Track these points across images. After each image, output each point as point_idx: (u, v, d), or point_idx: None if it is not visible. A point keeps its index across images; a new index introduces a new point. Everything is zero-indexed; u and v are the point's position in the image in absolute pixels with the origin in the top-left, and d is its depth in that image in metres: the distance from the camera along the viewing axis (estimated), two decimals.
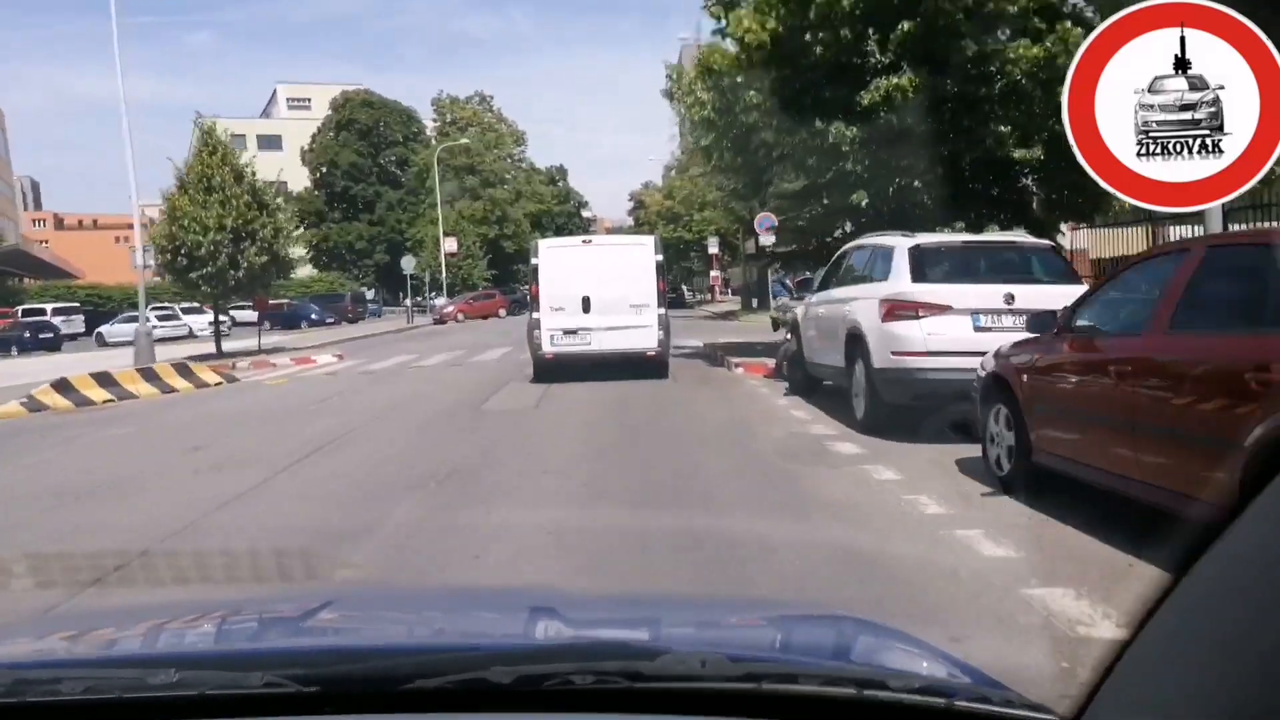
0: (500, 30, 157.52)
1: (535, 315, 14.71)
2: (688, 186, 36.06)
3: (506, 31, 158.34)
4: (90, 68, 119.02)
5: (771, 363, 14.76)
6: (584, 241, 17.01)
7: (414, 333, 37.93)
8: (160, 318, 43.84)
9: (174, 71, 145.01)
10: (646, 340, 14.46)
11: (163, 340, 40.91)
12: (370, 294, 67.46)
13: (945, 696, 1.17)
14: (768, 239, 31.87)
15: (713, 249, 47.16)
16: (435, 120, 68.53)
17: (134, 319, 46.59)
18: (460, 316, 45.64)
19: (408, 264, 45.22)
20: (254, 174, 26.03)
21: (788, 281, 21.97)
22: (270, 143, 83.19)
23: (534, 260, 15.07)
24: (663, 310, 14.68)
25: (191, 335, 44.75)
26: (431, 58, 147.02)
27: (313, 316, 48.11)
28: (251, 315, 53.13)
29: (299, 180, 73.94)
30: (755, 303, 37.67)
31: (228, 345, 31.63)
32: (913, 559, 4.88)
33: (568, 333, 14.55)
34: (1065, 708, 1.10)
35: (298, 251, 28.81)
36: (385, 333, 37.67)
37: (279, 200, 26.50)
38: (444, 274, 52.83)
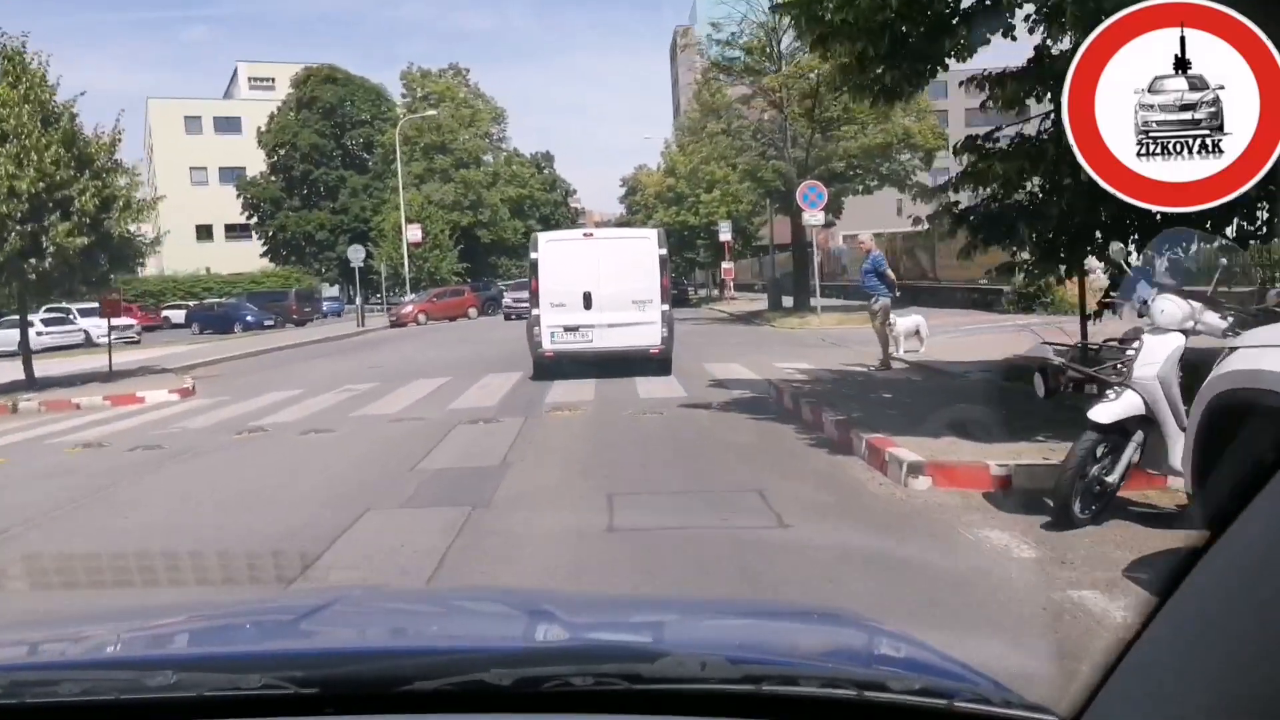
0: (494, 24, 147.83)
1: (535, 311, 13.80)
2: (704, 148, 27.12)
3: (501, 26, 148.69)
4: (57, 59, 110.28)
5: (983, 458, 5.91)
6: (585, 235, 16.24)
7: (355, 340, 28.84)
8: (47, 322, 34.45)
9: (161, 65, 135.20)
10: (650, 337, 13.51)
11: (48, 351, 31.81)
12: (333, 290, 58.48)
13: (945, 698, 1.14)
14: (815, 218, 23.04)
15: (724, 235, 37.96)
16: (404, 95, 59.06)
17: (13, 324, 37.48)
18: (421, 318, 36.78)
19: (355, 254, 36.01)
20: (75, 117, 16.92)
21: (887, 270, 12.99)
22: (229, 125, 73.92)
23: (533, 254, 14.20)
24: (666, 306, 13.73)
25: (89, 343, 35.26)
26: (424, 52, 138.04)
27: (248, 319, 38.96)
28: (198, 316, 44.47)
29: (259, 165, 64.71)
30: (790, 302, 28.52)
31: (121, 359, 22.51)
32: None
33: (568, 329, 13.62)
34: (1065, 708, 1.07)
35: (155, 226, 19.53)
36: (316, 341, 28.49)
37: (118, 158, 17.26)
38: (406, 266, 43.59)
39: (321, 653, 1.41)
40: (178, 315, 45.47)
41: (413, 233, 44.25)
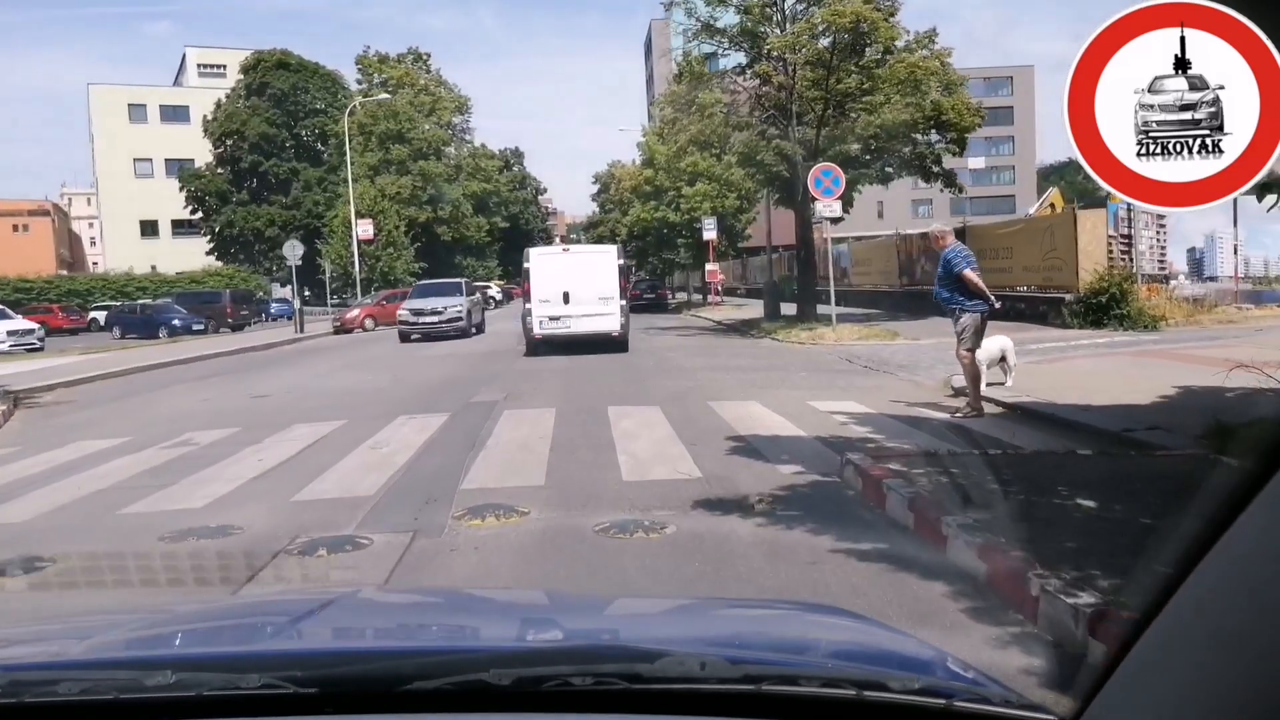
0: (464, 25, 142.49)
1: (527, 306, 18.75)
2: (693, 125, 22.65)
3: (470, 26, 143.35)
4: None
5: None
6: (563, 250, 21.43)
7: (280, 352, 24.30)
8: None
9: (126, 61, 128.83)
10: (611, 324, 18.36)
11: None
12: (284, 291, 53.22)
13: (945, 697, 1.13)
14: (830, 209, 18.47)
15: (709, 233, 33.37)
16: (360, 81, 53.95)
17: None
18: (369, 323, 33.27)
19: (291, 251, 31.39)
20: None
21: (973, 273, 8.14)
22: (176, 114, 69.18)
23: (525, 264, 18.96)
24: (624, 302, 18.86)
25: None
26: (391, 50, 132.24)
27: (175, 323, 34.03)
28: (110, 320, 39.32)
29: (209, 157, 59.26)
30: (793, 309, 23.82)
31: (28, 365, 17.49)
32: None
33: (552, 319, 18.36)
34: (1065, 708, 1.07)
35: None
36: (233, 352, 24.02)
37: None
38: (357, 266, 38.50)
39: (321, 653, 1.41)
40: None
41: (364, 228, 39.27)
